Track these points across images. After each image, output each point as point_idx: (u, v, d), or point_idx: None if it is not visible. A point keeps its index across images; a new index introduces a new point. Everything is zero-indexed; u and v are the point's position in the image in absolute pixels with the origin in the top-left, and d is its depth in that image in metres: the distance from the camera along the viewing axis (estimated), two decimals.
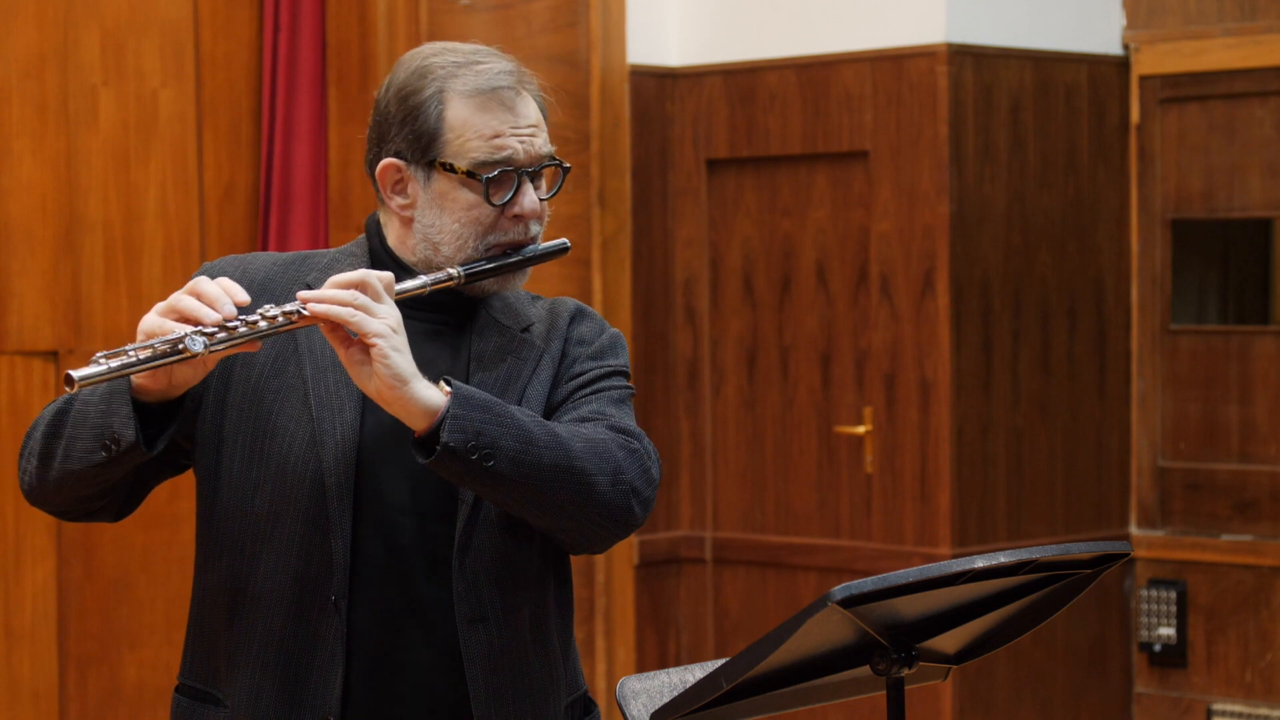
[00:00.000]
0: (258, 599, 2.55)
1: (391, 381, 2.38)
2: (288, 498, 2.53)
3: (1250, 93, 5.80)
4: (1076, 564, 2.26)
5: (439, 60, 2.59)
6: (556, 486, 2.46)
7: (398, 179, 2.59)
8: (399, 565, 2.54)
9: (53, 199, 5.22)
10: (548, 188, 2.62)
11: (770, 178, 5.91)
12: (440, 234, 2.57)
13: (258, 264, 2.65)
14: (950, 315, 5.55)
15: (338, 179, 5.57)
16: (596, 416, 2.58)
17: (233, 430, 2.57)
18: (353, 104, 5.52)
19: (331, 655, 2.52)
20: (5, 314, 5.16)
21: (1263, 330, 5.90)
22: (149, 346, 2.35)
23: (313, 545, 2.52)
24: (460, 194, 2.56)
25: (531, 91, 2.61)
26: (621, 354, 2.68)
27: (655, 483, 2.58)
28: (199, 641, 2.63)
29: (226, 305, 2.40)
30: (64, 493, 2.53)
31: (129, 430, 2.41)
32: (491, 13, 5.66)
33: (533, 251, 2.60)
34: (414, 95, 2.57)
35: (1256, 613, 5.77)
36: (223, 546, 2.58)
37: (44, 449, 2.51)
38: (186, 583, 5.54)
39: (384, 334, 2.39)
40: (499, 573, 2.55)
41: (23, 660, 5.18)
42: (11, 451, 5.16)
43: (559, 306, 2.69)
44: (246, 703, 2.55)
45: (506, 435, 2.42)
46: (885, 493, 5.69)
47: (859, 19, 5.69)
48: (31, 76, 5.19)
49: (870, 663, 2.22)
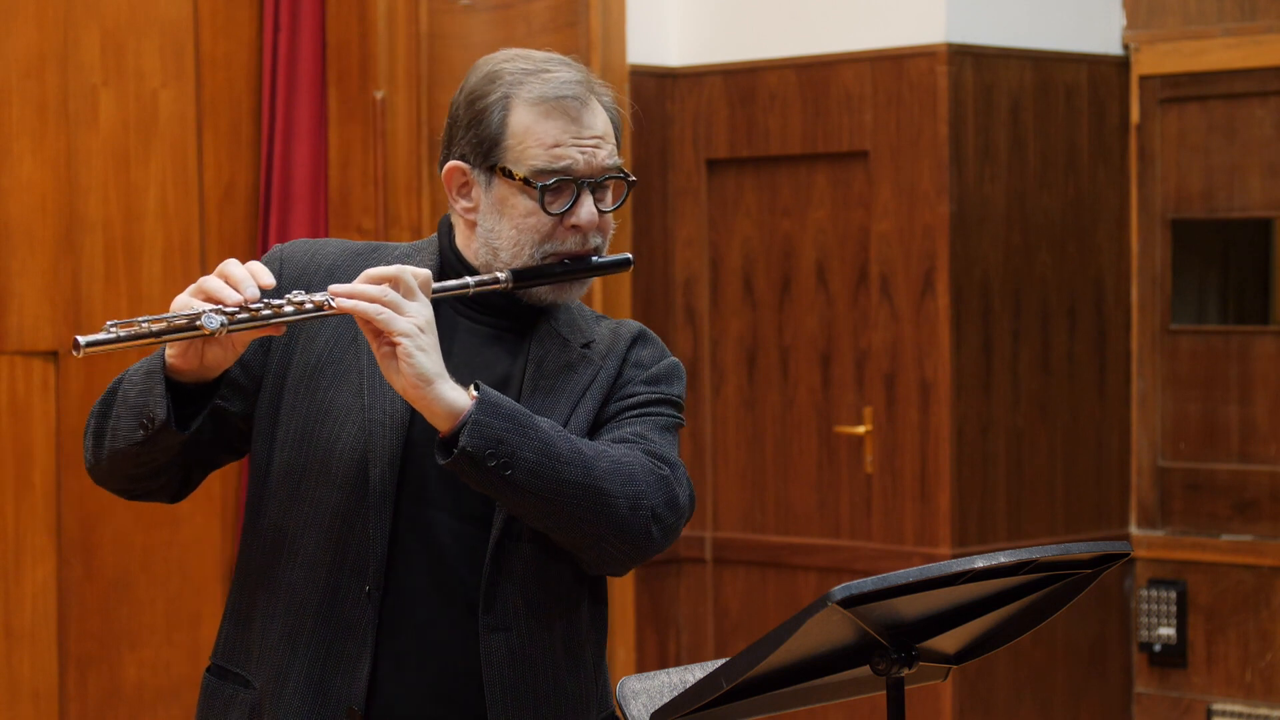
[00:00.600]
0: (293, 584, 2.56)
1: (415, 380, 2.39)
2: (333, 486, 2.54)
3: (1250, 93, 5.79)
4: (1076, 564, 2.26)
5: (509, 66, 2.59)
6: (574, 503, 2.46)
7: (463, 182, 2.59)
8: (434, 563, 2.55)
9: (53, 199, 5.22)
10: (612, 200, 2.61)
11: (770, 178, 5.91)
12: (499, 239, 2.56)
13: (328, 250, 2.66)
14: (950, 315, 5.55)
15: (338, 179, 5.57)
16: (635, 439, 2.57)
17: (288, 413, 2.58)
18: (353, 104, 5.52)
19: (361, 645, 2.53)
20: (5, 314, 5.16)
21: (1263, 330, 5.90)
22: (163, 319, 2.37)
23: (351, 534, 2.53)
24: (519, 200, 2.55)
25: (604, 103, 2.60)
26: (677, 384, 2.67)
27: (682, 511, 2.57)
28: (235, 623, 2.64)
29: (250, 287, 2.41)
30: (115, 472, 2.55)
31: (160, 408, 2.43)
32: (491, 13, 5.66)
33: (588, 263, 2.59)
34: (481, 99, 2.57)
35: (1256, 613, 5.77)
36: (266, 529, 2.60)
37: (97, 428, 2.54)
38: (187, 582, 5.56)
39: (409, 333, 2.39)
40: (529, 584, 2.56)
41: (23, 660, 5.18)
42: (12, 452, 5.17)
43: (623, 328, 2.69)
44: (274, 686, 2.56)
45: (528, 446, 2.42)
46: (885, 493, 5.69)
47: (859, 19, 5.69)
48: (31, 76, 5.19)
49: (870, 663, 2.22)
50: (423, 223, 5.60)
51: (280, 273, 2.62)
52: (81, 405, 5.24)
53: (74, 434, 5.24)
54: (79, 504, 5.24)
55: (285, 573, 2.57)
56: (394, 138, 5.54)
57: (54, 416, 5.21)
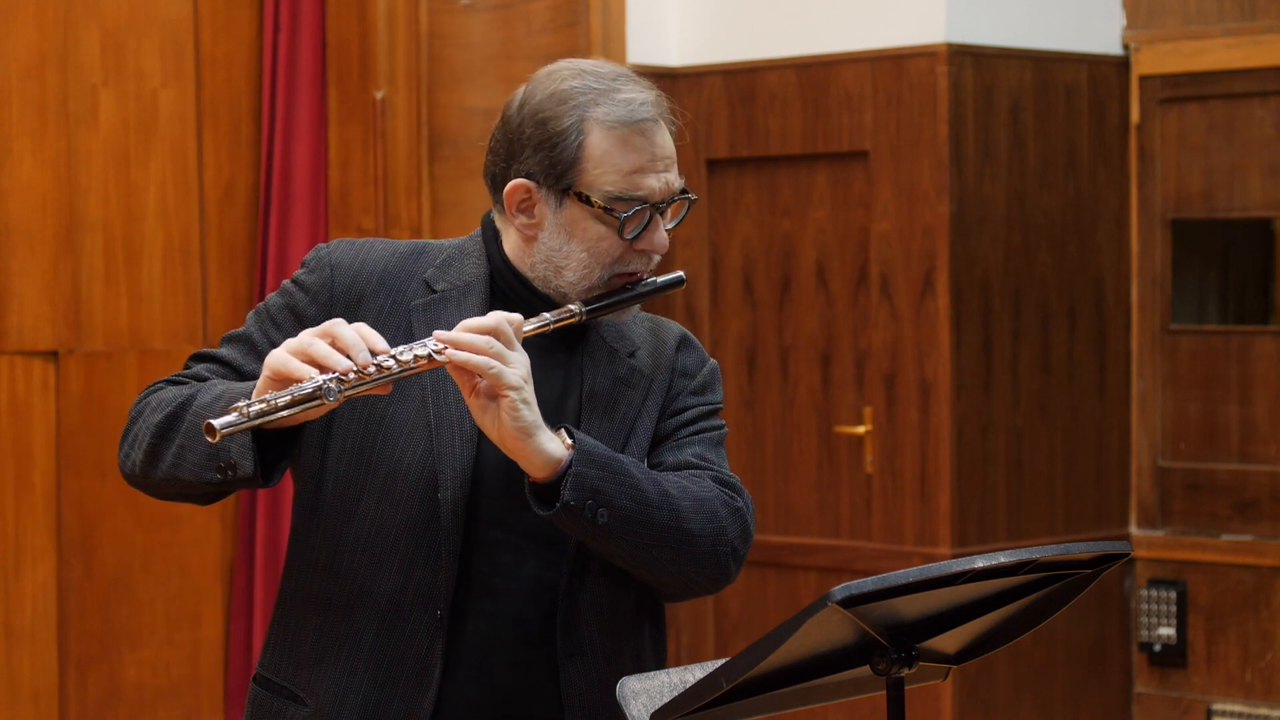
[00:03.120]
0: (353, 604, 2.54)
1: (517, 433, 2.39)
2: (397, 504, 2.52)
3: (1250, 93, 5.79)
4: (1076, 564, 2.26)
5: (578, 85, 2.54)
6: (663, 545, 2.50)
7: (525, 198, 2.56)
8: (505, 587, 2.53)
9: (53, 199, 5.22)
10: (672, 217, 2.60)
11: (770, 178, 5.91)
12: (566, 260, 2.54)
13: (375, 255, 2.62)
14: (950, 315, 5.55)
15: (338, 179, 5.57)
16: (701, 463, 2.60)
17: (342, 429, 2.55)
18: (353, 104, 5.52)
19: (426, 668, 2.51)
20: (5, 314, 5.16)
21: (1263, 330, 5.90)
22: (288, 394, 2.34)
23: (418, 556, 2.51)
24: (591, 225, 2.53)
25: (667, 120, 2.58)
26: (719, 388, 2.70)
27: (752, 539, 2.62)
28: (284, 637, 2.61)
29: (362, 354, 2.37)
30: (167, 489, 2.54)
31: (247, 461, 2.41)
32: (491, 13, 5.66)
33: (651, 285, 2.59)
34: (553, 121, 2.52)
35: (1256, 613, 5.77)
36: (320, 546, 2.57)
37: (152, 446, 2.50)
38: (187, 582, 5.56)
39: (518, 386, 2.39)
40: (601, 608, 2.57)
41: (23, 660, 5.18)
42: (12, 452, 5.16)
43: (663, 331, 2.69)
44: (331, 705, 2.54)
45: (623, 494, 2.45)
46: (885, 493, 5.69)
47: (859, 19, 5.69)
48: (31, 76, 5.19)
49: (870, 663, 2.22)
50: (422, 222, 5.60)
51: (332, 281, 2.59)
52: (81, 405, 5.24)
53: (74, 434, 5.24)
54: (79, 504, 5.24)
55: (341, 591, 2.54)
56: (394, 138, 5.55)
57: (54, 416, 5.21)
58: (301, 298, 2.59)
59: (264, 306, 2.64)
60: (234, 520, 5.50)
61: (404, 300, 2.58)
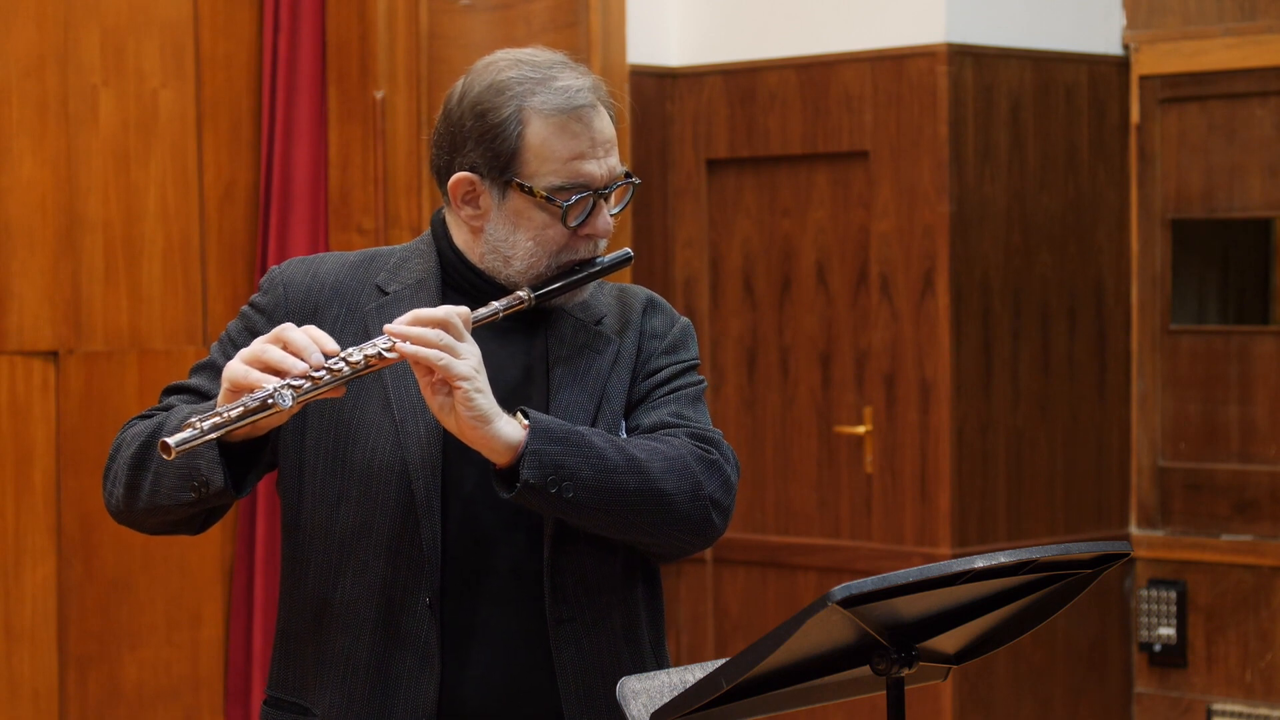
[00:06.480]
0: (344, 609, 2.56)
1: (473, 422, 2.41)
2: (375, 502, 2.54)
3: (1250, 93, 5.80)
4: (1076, 564, 2.26)
5: (515, 75, 2.56)
6: (637, 509, 2.50)
7: (469, 190, 2.58)
8: (489, 565, 2.56)
9: (53, 199, 5.22)
10: (616, 202, 2.62)
11: (770, 178, 5.91)
12: (513, 249, 2.57)
13: (326, 267, 2.66)
14: (950, 315, 5.55)
15: (337, 179, 5.57)
16: (676, 421, 2.61)
17: (314, 442, 2.58)
18: (353, 104, 5.52)
19: (424, 658, 2.54)
20: (5, 314, 5.16)
21: (1263, 330, 5.90)
22: (240, 405, 2.37)
23: (401, 548, 2.54)
24: (535, 214, 2.56)
25: (606, 105, 2.59)
26: (693, 345, 2.70)
27: (734, 489, 2.62)
28: (287, 653, 2.64)
29: (314, 355, 2.41)
30: (152, 520, 2.57)
31: (217, 475, 2.45)
32: (491, 13, 5.66)
33: (598, 266, 2.61)
34: (492, 113, 2.55)
35: (1256, 613, 5.77)
36: (309, 560, 2.59)
37: (130, 480, 2.54)
38: (187, 582, 5.56)
39: (469, 376, 2.41)
40: (586, 573, 2.58)
41: (23, 660, 5.18)
42: (12, 451, 5.16)
43: (629, 296, 2.70)
44: (337, 712, 2.56)
45: (585, 465, 2.46)
46: (885, 493, 5.69)
47: (859, 19, 5.69)
48: (31, 76, 5.19)
49: (870, 663, 2.22)
50: (422, 222, 5.60)
51: (285, 298, 2.62)
52: (81, 405, 5.24)
53: (74, 434, 5.24)
54: (79, 504, 5.24)
55: (335, 595, 2.57)
56: (394, 138, 5.54)
57: (54, 416, 5.21)
58: (258, 319, 2.63)
59: (225, 333, 2.68)
60: (234, 520, 5.50)
61: (358, 306, 2.61)
